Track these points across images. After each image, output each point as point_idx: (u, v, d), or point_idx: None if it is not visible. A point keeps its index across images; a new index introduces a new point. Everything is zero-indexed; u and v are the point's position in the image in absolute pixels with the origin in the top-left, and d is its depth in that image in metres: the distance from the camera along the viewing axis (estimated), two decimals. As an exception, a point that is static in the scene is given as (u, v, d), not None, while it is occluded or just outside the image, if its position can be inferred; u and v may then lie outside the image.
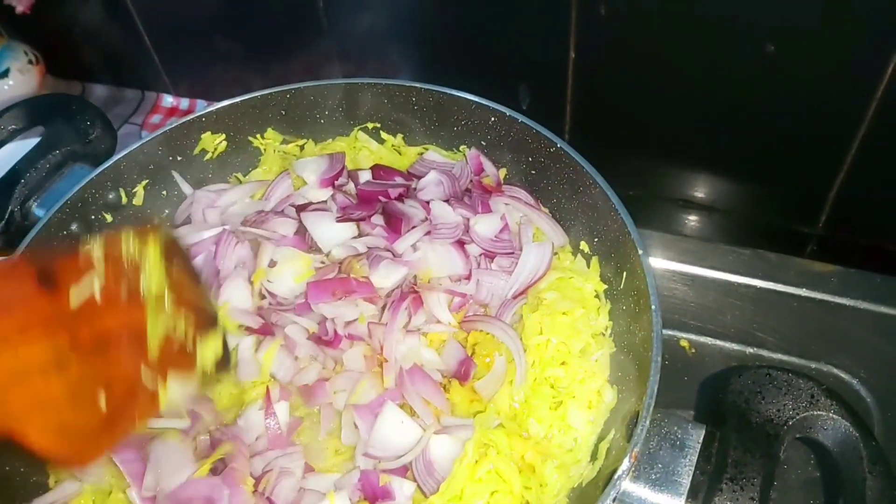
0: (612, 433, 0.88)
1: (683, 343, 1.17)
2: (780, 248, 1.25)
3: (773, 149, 1.20)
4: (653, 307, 0.86)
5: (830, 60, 1.05)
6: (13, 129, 1.11)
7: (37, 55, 1.60)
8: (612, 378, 0.94)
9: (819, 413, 0.86)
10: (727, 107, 1.17)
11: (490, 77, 1.29)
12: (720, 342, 1.17)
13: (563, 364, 0.94)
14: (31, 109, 1.14)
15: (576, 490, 0.87)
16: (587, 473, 0.86)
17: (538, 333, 0.95)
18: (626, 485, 0.79)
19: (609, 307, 1.00)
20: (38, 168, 1.12)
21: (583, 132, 1.31)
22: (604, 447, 0.87)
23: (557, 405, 0.92)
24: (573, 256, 1.07)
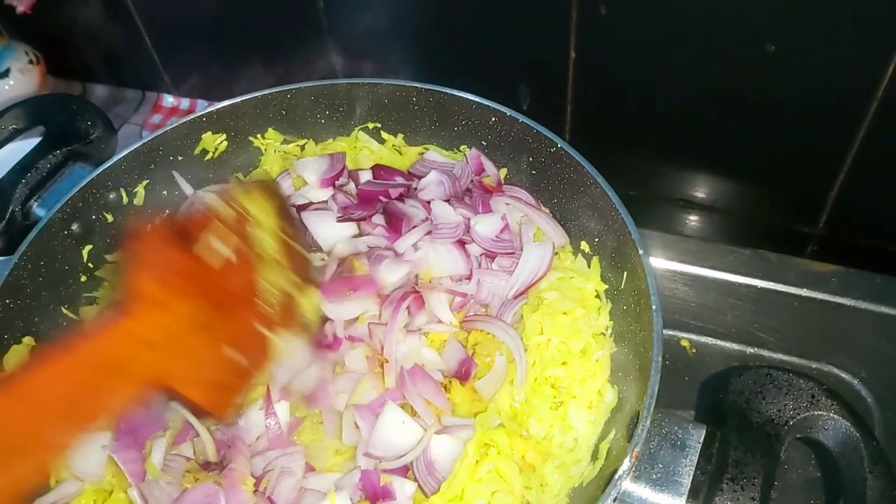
0: (613, 433, 0.88)
1: (684, 343, 1.17)
2: (781, 248, 1.25)
3: (774, 149, 1.20)
4: (653, 307, 0.86)
5: (831, 60, 1.05)
6: (14, 129, 1.11)
7: (37, 55, 1.60)
8: (613, 378, 0.94)
9: (820, 413, 0.86)
10: (727, 107, 1.17)
11: (490, 77, 1.29)
12: (721, 342, 1.17)
13: (564, 364, 0.94)
14: (32, 109, 1.14)
15: (576, 490, 0.87)
16: (588, 473, 0.86)
17: (539, 333, 0.95)
18: (627, 485, 0.79)
19: (610, 307, 1.00)
20: (39, 168, 1.12)
21: (583, 132, 1.31)
22: (604, 447, 0.87)
23: (558, 405, 0.92)
24: (574, 256, 1.07)
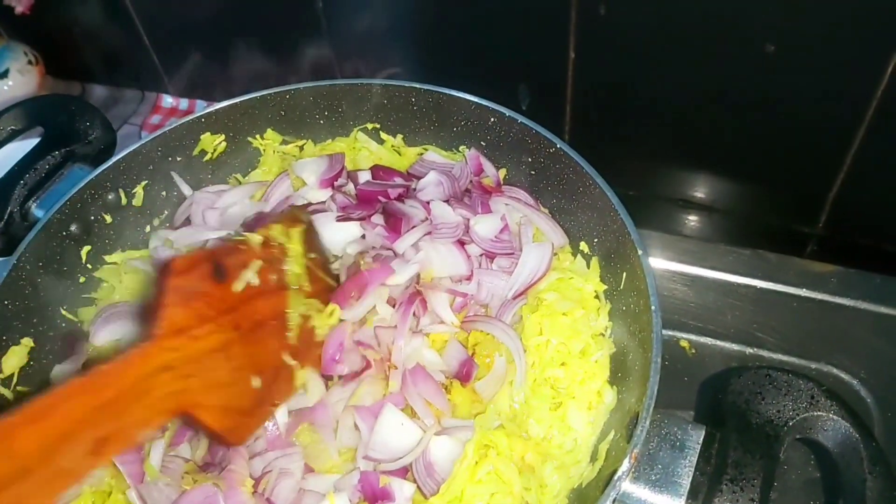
0: (612, 434, 0.88)
1: (683, 343, 1.17)
2: (780, 249, 1.25)
3: (773, 149, 1.20)
4: (653, 307, 0.86)
5: (830, 60, 1.05)
6: (13, 130, 1.11)
7: (36, 56, 1.60)
8: (612, 379, 0.94)
9: (819, 414, 0.86)
10: (727, 107, 1.17)
11: (490, 77, 1.29)
12: (720, 342, 1.17)
13: (563, 365, 0.94)
14: (31, 110, 1.14)
15: (576, 491, 0.86)
16: (587, 474, 0.86)
17: (538, 334, 0.95)
18: (626, 486, 0.79)
19: (609, 308, 1.00)
20: (38, 169, 1.12)
21: (582, 132, 1.31)
22: (604, 448, 0.87)
23: (557, 406, 0.92)
24: (573, 257, 1.06)
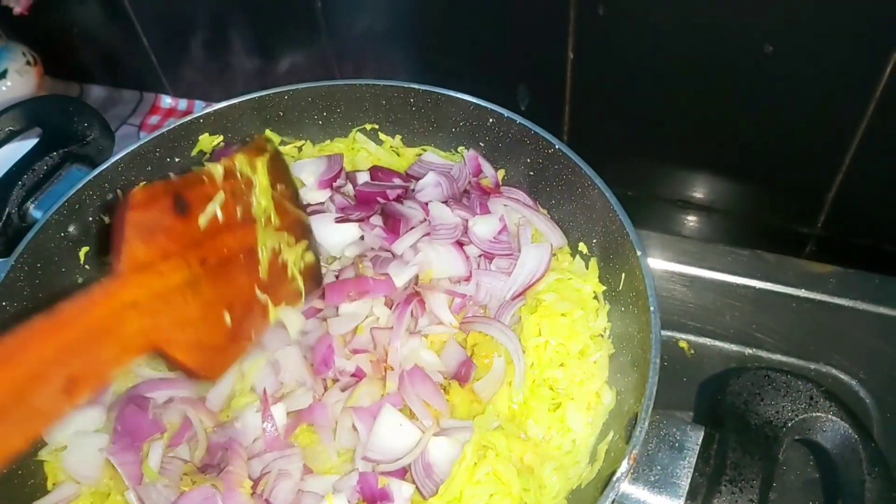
0: (611, 435, 0.88)
1: (682, 344, 1.17)
2: (779, 249, 1.25)
3: (772, 149, 1.20)
4: (651, 308, 0.86)
5: (829, 60, 1.05)
6: (11, 131, 1.11)
7: (35, 56, 1.60)
8: (611, 379, 0.94)
9: (818, 414, 0.86)
10: (726, 107, 1.17)
11: (488, 78, 1.29)
12: (719, 343, 1.17)
13: (562, 365, 0.94)
14: (29, 111, 1.14)
15: (575, 492, 0.86)
16: (586, 475, 0.86)
17: (537, 335, 0.95)
18: (625, 486, 0.79)
19: (608, 308, 1.00)
20: (36, 170, 1.11)
21: (581, 133, 1.31)
22: (602, 449, 0.87)
23: (556, 407, 0.92)
24: (572, 258, 1.06)
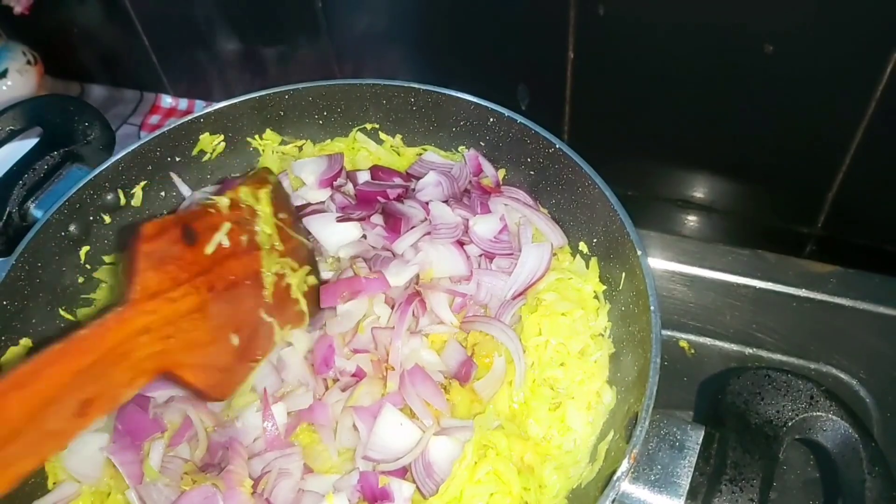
0: (612, 434, 0.88)
1: (683, 344, 1.17)
2: (779, 249, 1.25)
3: (772, 149, 1.20)
4: (652, 308, 0.86)
5: (829, 60, 1.05)
6: (11, 130, 1.11)
7: (35, 56, 1.60)
8: (612, 379, 0.94)
9: (818, 414, 0.86)
10: (726, 107, 1.17)
11: (489, 77, 1.29)
12: (719, 343, 1.17)
13: (563, 365, 0.94)
14: (30, 110, 1.13)
15: (575, 491, 0.86)
16: (586, 474, 0.86)
17: (537, 334, 0.95)
18: (626, 486, 0.79)
19: (608, 308, 1.00)
20: (37, 169, 1.11)
21: (582, 133, 1.31)
22: (603, 448, 0.87)
23: (556, 406, 0.92)
24: (572, 257, 1.06)
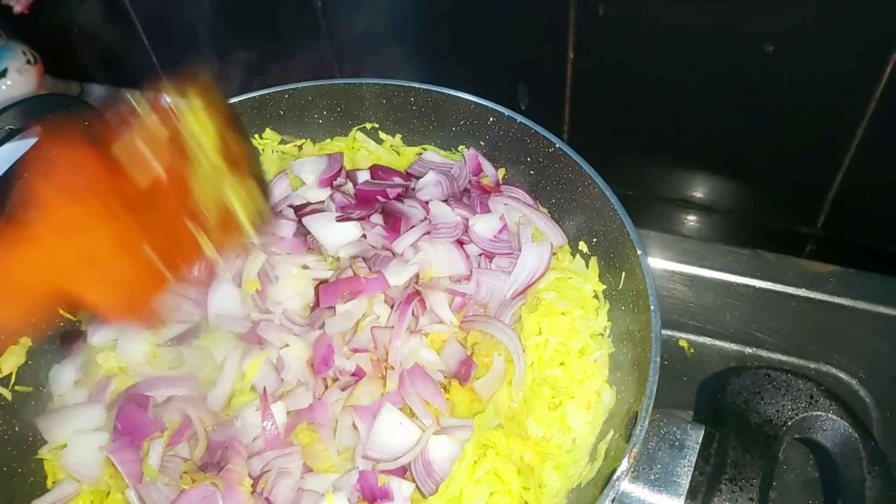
0: (611, 434, 0.88)
1: (682, 343, 1.17)
2: (779, 249, 1.25)
3: (772, 149, 1.20)
4: (652, 307, 0.86)
5: (829, 61, 1.05)
6: (10, 130, 1.11)
7: (35, 55, 1.60)
8: (611, 378, 0.94)
9: (818, 413, 0.86)
10: (726, 107, 1.17)
11: (489, 77, 1.29)
12: (719, 342, 1.17)
13: (562, 364, 0.94)
14: (29, 109, 1.14)
15: (574, 490, 0.86)
16: (586, 474, 0.86)
17: (537, 334, 0.95)
18: (625, 485, 0.79)
19: (608, 307, 1.00)
20: (36, 168, 1.11)
21: (581, 132, 1.31)
22: (602, 447, 0.87)
23: (556, 406, 0.92)
24: (572, 257, 1.06)
